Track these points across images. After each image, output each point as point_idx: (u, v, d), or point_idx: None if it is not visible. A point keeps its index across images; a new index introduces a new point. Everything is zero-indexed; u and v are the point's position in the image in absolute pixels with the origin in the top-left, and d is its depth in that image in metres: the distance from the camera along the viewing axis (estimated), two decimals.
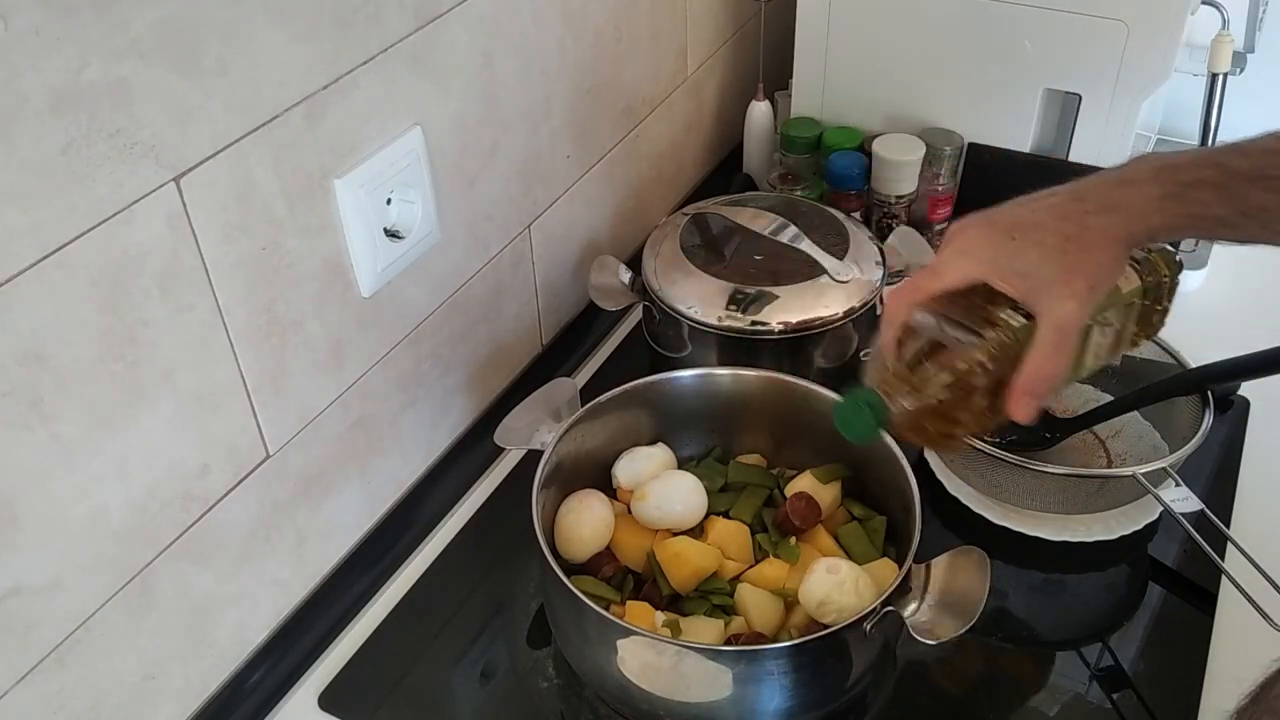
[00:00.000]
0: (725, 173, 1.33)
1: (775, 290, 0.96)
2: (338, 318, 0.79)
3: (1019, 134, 1.13)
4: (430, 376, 0.92)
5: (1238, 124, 1.21)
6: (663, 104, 1.17)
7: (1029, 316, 0.61)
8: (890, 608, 0.69)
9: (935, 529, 0.89)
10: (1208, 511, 0.82)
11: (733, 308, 0.95)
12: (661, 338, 1.03)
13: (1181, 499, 0.83)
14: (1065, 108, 1.12)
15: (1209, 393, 0.86)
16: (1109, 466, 0.93)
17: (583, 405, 0.84)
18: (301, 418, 0.78)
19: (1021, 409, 0.61)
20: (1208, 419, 0.84)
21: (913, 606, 0.70)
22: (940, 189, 1.16)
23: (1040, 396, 0.61)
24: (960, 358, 0.61)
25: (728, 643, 0.75)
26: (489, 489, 0.98)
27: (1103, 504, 0.87)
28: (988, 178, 1.15)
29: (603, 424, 0.85)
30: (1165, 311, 0.69)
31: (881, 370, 0.65)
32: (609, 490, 0.86)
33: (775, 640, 0.76)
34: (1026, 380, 0.61)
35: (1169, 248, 0.68)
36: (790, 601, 0.78)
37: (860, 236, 1.02)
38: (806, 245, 0.99)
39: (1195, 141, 1.23)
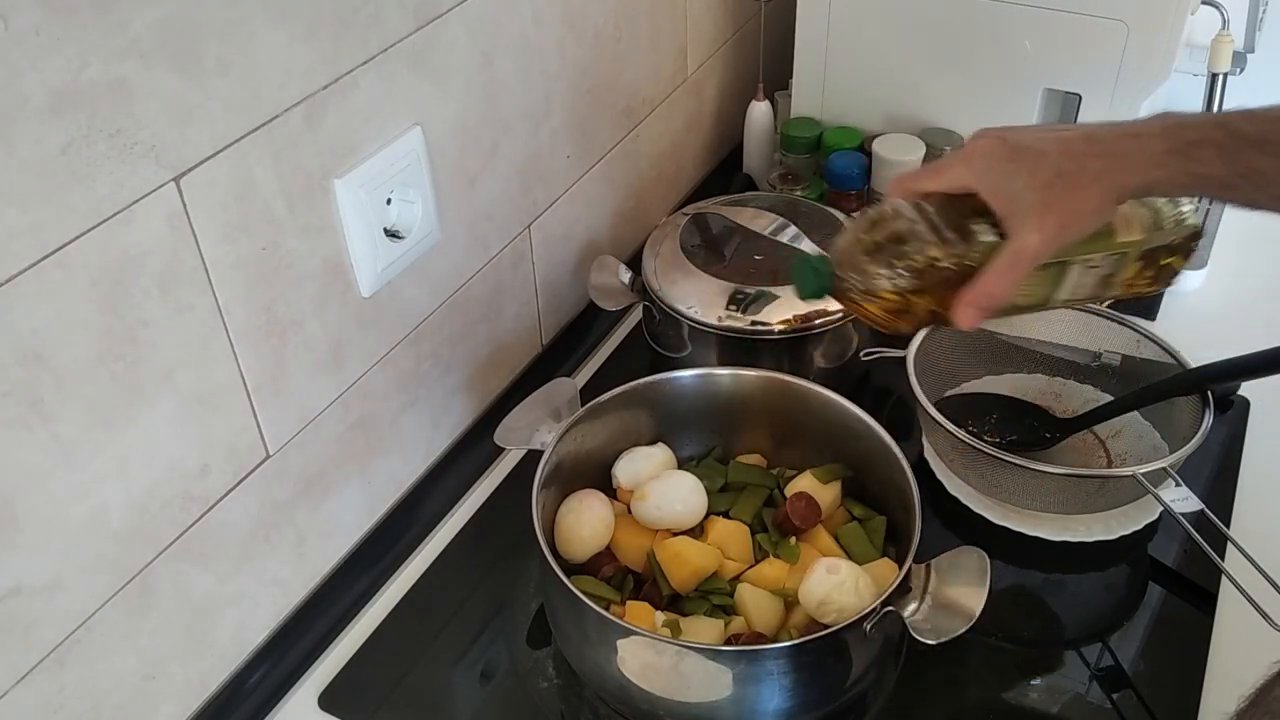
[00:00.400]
0: (725, 173, 1.33)
1: (775, 290, 0.96)
2: (338, 318, 0.79)
3: None
4: (430, 376, 0.92)
5: None
6: (663, 104, 1.17)
7: (1001, 237, 0.63)
8: (890, 608, 0.69)
9: (935, 529, 0.89)
10: (1208, 511, 0.82)
11: (733, 308, 0.95)
12: (661, 338, 1.03)
13: (1181, 499, 0.83)
14: (1065, 108, 1.12)
15: (1209, 393, 0.86)
16: (1109, 466, 0.93)
17: (583, 405, 0.84)
18: (301, 418, 0.78)
19: (963, 316, 0.65)
20: (1208, 419, 0.84)
21: (913, 606, 0.70)
22: None
23: (983, 310, 0.64)
24: (919, 251, 0.64)
25: (728, 643, 0.75)
26: (489, 489, 0.98)
27: (1103, 504, 0.87)
28: None
29: (603, 424, 0.85)
30: (1174, 270, 0.70)
31: (848, 240, 0.67)
32: (609, 490, 0.86)
33: (775, 640, 0.76)
34: (972, 291, 0.64)
35: (1186, 208, 0.69)
36: (790, 601, 0.78)
37: None
38: (806, 245, 0.99)
39: None
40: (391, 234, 0.81)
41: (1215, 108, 1.10)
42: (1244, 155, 0.59)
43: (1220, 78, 1.09)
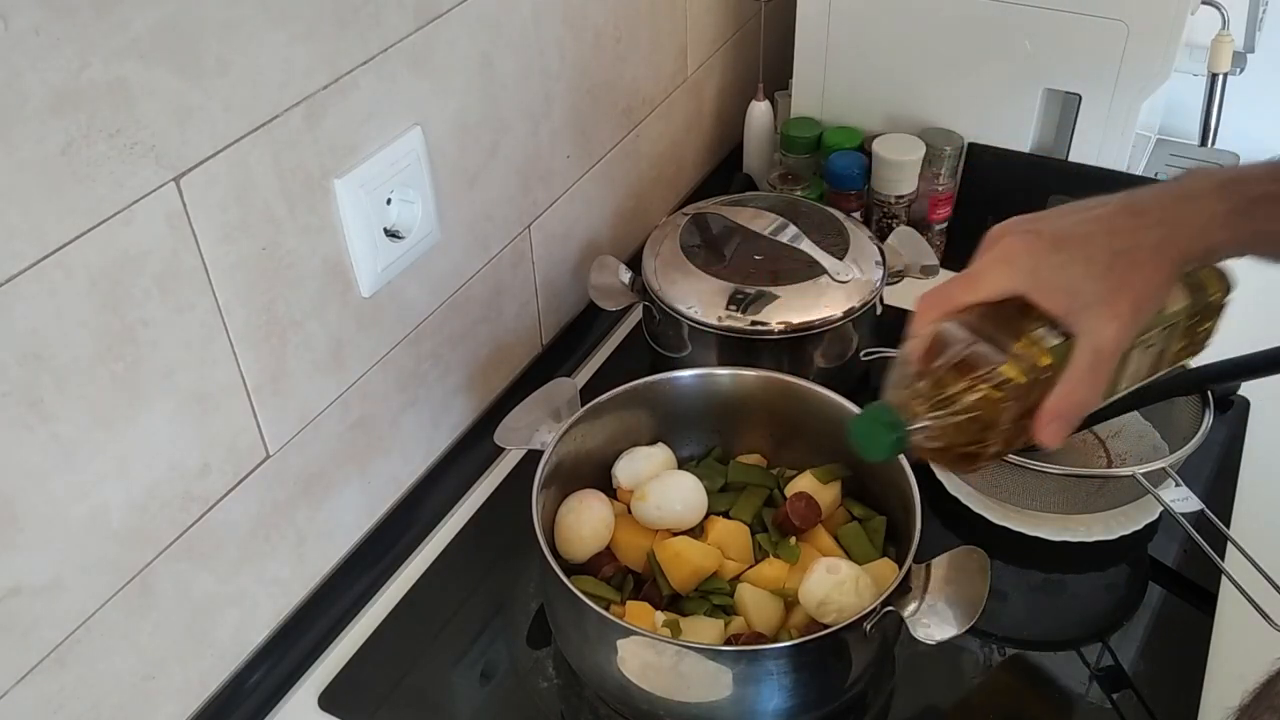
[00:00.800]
0: (725, 173, 1.33)
1: (775, 290, 0.96)
2: (338, 318, 0.79)
3: (1019, 134, 1.13)
4: (430, 376, 0.92)
5: (1238, 124, 1.22)
6: (663, 104, 1.17)
7: (1066, 335, 0.57)
8: (890, 608, 0.69)
9: (935, 529, 0.89)
10: (1208, 511, 0.82)
11: (733, 308, 0.95)
12: (661, 338, 1.03)
13: (1181, 499, 0.83)
14: (1065, 108, 1.12)
15: (1209, 393, 0.86)
16: (1109, 466, 0.93)
17: (583, 405, 0.84)
18: (301, 418, 0.78)
19: (1050, 433, 0.58)
20: (1208, 419, 0.84)
21: (913, 606, 0.70)
22: (940, 189, 1.16)
23: (1071, 421, 0.58)
24: (990, 375, 0.57)
25: (728, 643, 0.75)
26: (489, 489, 0.98)
27: (1103, 504, 0.87)
28: (988, 178, 1.15)
29: (603, 424, 0.85)
30: (1210, 332, 0.65)
31: (903, 384, 0.59)
32: (609, 490, 0.86)
33: (775, 640, 0.76)
34: (1057, 404, 0.57)
35: (1218, 268, 0.64)
36: (790, 601, 0.78)
37: (860, 236, 1.02)
38: (806, 245, 0.99)
39: (1195, 141, 1.23)
40: (391, 234, 0.81)
41: (1215, 107, 1.10)
42: None
43: (1220, 78, 1.09)
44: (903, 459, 0.78)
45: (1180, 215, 0.57)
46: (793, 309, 0.95)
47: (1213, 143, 1.20)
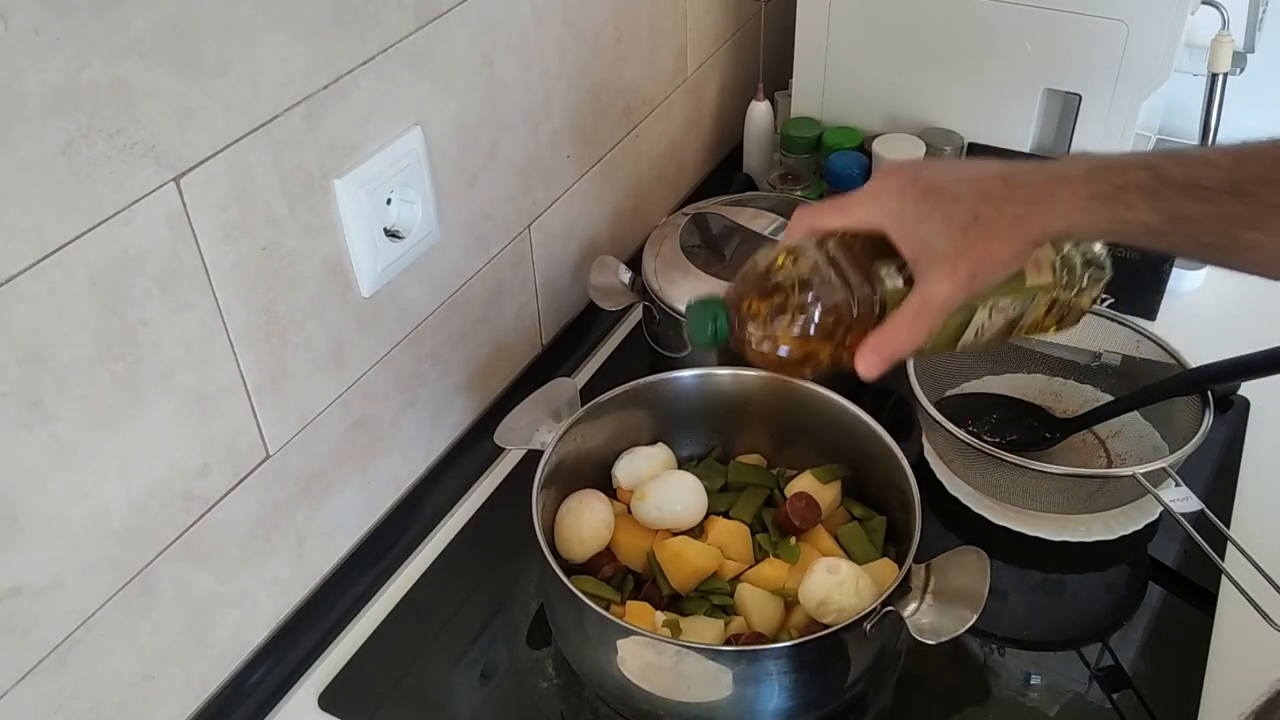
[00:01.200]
0: (725, 173, 1.33)
1: None
2: (338, 318, 0.79)
3: (1019, 134, 1.13)
4: (430, 376, 0.92)
5: (1238, 124, 1.22)
6: (663, 104, 1.17)
7: (909, 282, 0.61)
8: (890, 608, 0.69)
9: (935, 529, 0.89)
10: (1208, 511, 0.82)
11: None
12: (661, 338, 1.03)
13: (1181, 499, 0.83)
14: (1065, 108, 1.12)
15: (1209, 393, 0.86)
16: (1109, 466, 0.93)
17: (583, 405, 0.84)
18: (301, 418, 0.78)
19: (865, 365, 0.62)
20: (1208, 419, 0.84)
21: (913, 606, 0.70)
22: None
23: (887, 359, 0.61)
24: (825, 298, 0.61)
25: (728, 643, 0.75)
26: (489, 489, 0.98)
27: (1103, 504, 0.87)
28: None
29: (603, 424, 0.85)
30: (1081, 312, 0.68)
31: (749, 284, 0.63)
32: (609, 490, 0.86)
33: (775, 640, 0.76)
34: (877, 341, 0.61)
35: (1096, 250, 0.67)
36: (790, 601, 0.78)
37: None
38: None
39: (1195, 141, 1.23)
40: (391, 234, 0.81)
41: (1215, 107, 1.10)
42: (1172, 200, 0.55)
43: (1220, 78, 1.09)
44: (903, 459, 0.78)
45: (1047, 193, 0.58)
46: None
47: (1212, 142, 1.20)
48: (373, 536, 0.90)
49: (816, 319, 0.61)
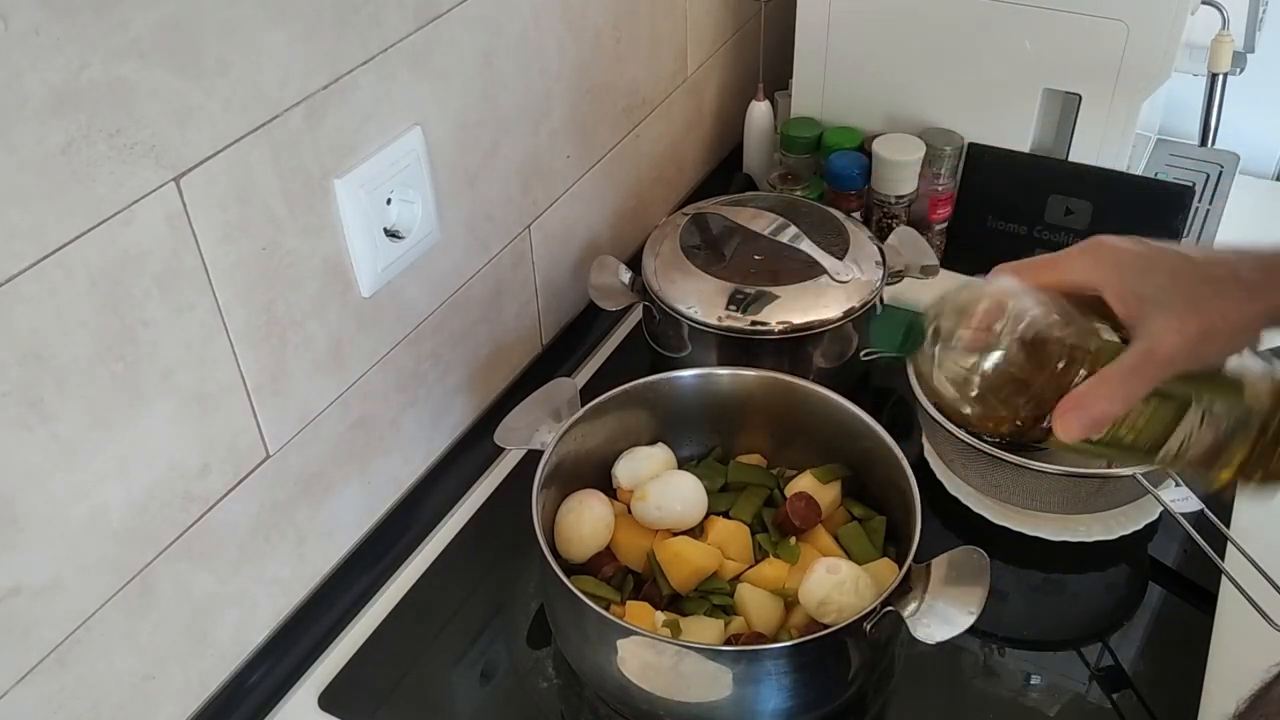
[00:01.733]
0: (725, 173, 1.33)
1: (775, 290, 0.96)
2: (338, 318, 0.79)
3: (1019, 134, 1.13)
4: (430, 376, 0.92)
5: (1238, 124, 1.22)
6: (662, 104, 1.17)
7: (1125, 341, 0.55)
8: (890, 608, 0.69)
9: (935, 529, 0.89)
10: (1208, 511, 0.82)
11: (733, 308, 0.95)
12: (661, 338, 1.03)
13: (1181, 499, 0.83)
14: (1065, 108, 1.12)
15: None
16: (1109, 466, 0.93)
17: (583, 405, 0.84)
18: (301, 418, 0.78)
19: (1065, 422, 0.55)
20: None
21: (913, 606, 0.70)
22: (940, 189, 1.16)
23: (1090, 419, 0.54)
24: (1032, 340, 0.55)
25: (728, 643, 0.75)
26: (489, 489, 0.98)
27: (1103, 504, 0.87)
28: (988, 178, 1.15)
29: (603, 424, 0.85)
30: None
31: (944, 307, 0.58)
32: (609, 490, 0.86)
33: (775, 640, 0.76)
34: (1084, 393, 0.54)
35: None
36: (790, 601, 0.78)
37: (860, 236, 1.02)
38: (806, 245, 0.99)
39: (1195, 141, 1.23)
40: (391, 234, 0.81)
41: (1215, 107, 1.10)
42: None
43: (1220, 78, 1.09)
44: (903, 459, 0.78)
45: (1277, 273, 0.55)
46: (793, 309, 0.95)
47: (1212, 143, 1.20)
48: (373, 536, 0.90)
49: (1021, 363, 0.55)
